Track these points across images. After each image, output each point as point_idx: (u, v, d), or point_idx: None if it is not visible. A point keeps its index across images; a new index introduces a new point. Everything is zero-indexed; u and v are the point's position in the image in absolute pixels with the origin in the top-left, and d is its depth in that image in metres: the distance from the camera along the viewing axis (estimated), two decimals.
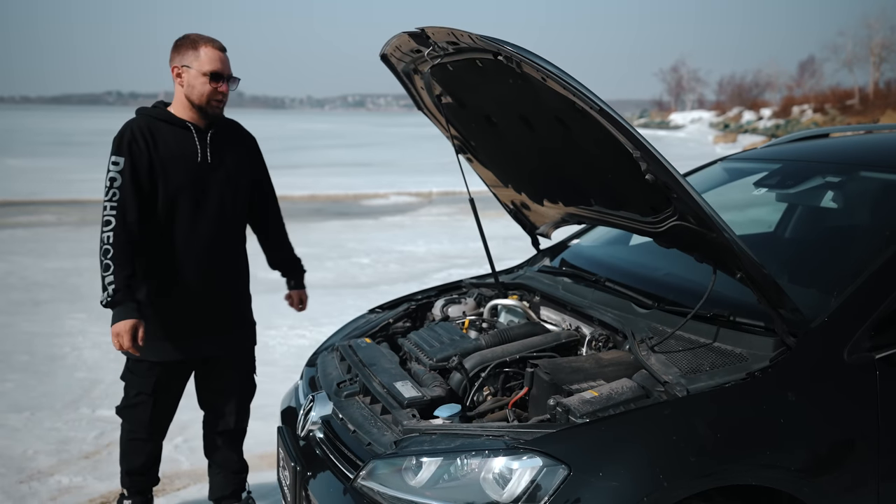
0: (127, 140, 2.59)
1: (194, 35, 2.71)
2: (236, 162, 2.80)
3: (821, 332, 2.05)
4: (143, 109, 2.73)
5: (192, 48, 2.66)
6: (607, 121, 1.94)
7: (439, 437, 2.01)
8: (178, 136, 2.67)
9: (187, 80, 2.66)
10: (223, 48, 2.71)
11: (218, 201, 2.73)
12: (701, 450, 1.87)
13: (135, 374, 2.73)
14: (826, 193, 2.76)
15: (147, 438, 2.80)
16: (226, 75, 2.70)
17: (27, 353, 5.19)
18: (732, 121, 59.34)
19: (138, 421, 2.76)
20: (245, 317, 2.92)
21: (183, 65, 2.66)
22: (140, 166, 2.59)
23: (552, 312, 2.85)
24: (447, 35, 2.27)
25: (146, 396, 2.73)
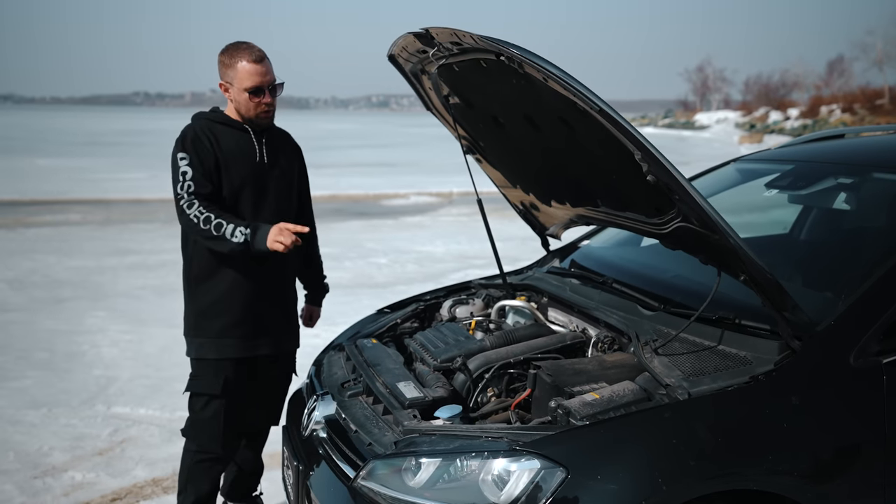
0: (191, 138, 2.64)
1: (232, 48, 2.70)
2: (289, 166, 2.86)
3: (827, 336, 2.02)
4: (201, 114, 2.77)
5: (230, 65, 2.67)
6: (608, 122, 1.93)
7: (439, 437, 2.01)
8: (237, 136, 2.71)
9: (233, 95, 2.70)
10: (260, 58, 2.68)
11: (276, 199, 2.78)
12: (701, 453, 1.85)
13: (201, 378, 2.71)
14: (838, 195, 2.72)
15: (218, 456, 2.75)
16: (266, 87, 2.69)
17: (47, 351, 5.26)
18: (759, 121, 58.68)
19: (210, 434, 2.71)
20: (295, 318, 2.97)
21: (226, 81, 2.70)
22: (206, 161, 2.62)
23: (560, 314, 2.84)
24: (450, 35, 2.27)
25: (217, 401, 2.69)
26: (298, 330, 2.98)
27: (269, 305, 2.78)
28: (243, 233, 2.53)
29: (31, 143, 33.61)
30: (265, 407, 2.93)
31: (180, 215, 2.58)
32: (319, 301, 3.17)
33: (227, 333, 2.69)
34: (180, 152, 2.62)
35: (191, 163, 2.60)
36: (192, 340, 2.73)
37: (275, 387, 2.94)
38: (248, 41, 2.74)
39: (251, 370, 2.79)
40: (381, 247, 9.61)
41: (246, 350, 2.73)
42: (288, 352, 2.94)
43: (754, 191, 3.04)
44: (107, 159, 24.83)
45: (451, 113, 2.87)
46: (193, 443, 2.74)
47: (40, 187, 16.20)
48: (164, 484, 3.35)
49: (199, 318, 2.71)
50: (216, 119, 2.73)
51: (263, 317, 2.76)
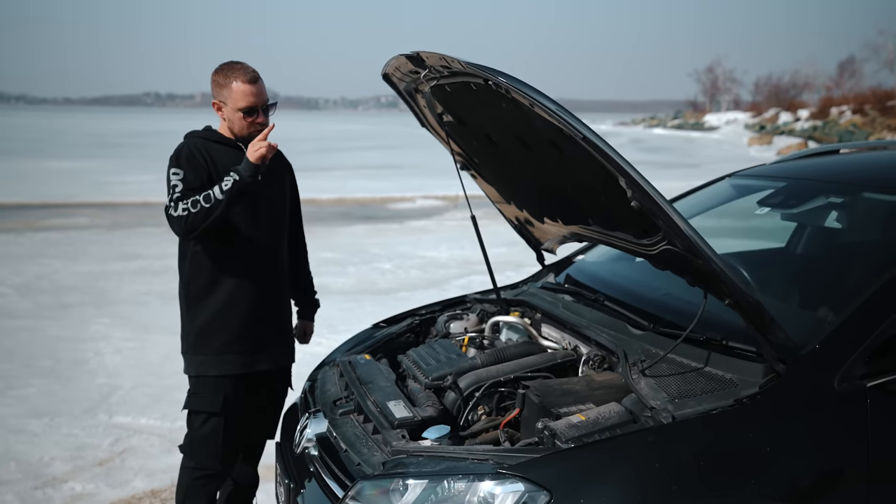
0: (185, 155, 2.65)
1: (227, 67, 2.72)
2: (281, 183, 2.89)
3: (811, 359, 2.03)
4: (195, 132, 2.79)
5: (224, 84, 2.69)
6: (592, 149, 1.95)
7: (426, 459, 2.03)
8: (232, 154, 2.71)
9: (226, 115, 2.72)
10: (255, 78, 2.71)
11: (270, 217, 2.80)
12: (684, 478, 1.87)
13: (200, 395, 2.73)
14: (829, 214, 2.73)
15: (215, 473, 2.76)
16: (260, 107, 2.72)
17: (52, 358, 5.31)
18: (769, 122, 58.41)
19: (209, 451, 2.72)
20: (291, 333, 2.99)
21: (220, 100, 2.72)
22: (200, 175, 2.63)
23: (553, 330, 2.86)
24: (439, 60, 2.30)
25: (216, 418, 2.70)
26: (294, 345, 3.01)
27: (267, 321, 2.81)
28: (229, 178, 2.55)
29: (40, 143, 33.83)
30: (262, 421, 2.95)
31: (172, 223, 2.58)
32: (312, 316, 3.19)
33: (226, 350, 2.71)
34: (174, 168, 2.64)
35: (183, 178, 2.61)
36: (191, 358, 2.75)
37: (271, 401, 2.96)
38: (241, 61, 2.76)
39: (248, 386, 2.81)
40: (385, 252, 9.64)
41: (245, 366, 2.75)
42: (284, 366, 2.96)
43: (748, 207, 3.05)
44: (115, 161, 24.97)
45: (445, 130, 2.90)
46: (192, 460, 2.75)
47: (49, 190, 16.32)
48: (162, 495, 3.38)
49: (198, 336, 2.72)
50: (210, 137, 2.75)
51: (261, 333, 2.78)
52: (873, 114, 44.69)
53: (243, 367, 2.75)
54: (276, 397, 2.98)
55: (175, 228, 2.59)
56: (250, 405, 2.85)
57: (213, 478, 2.77)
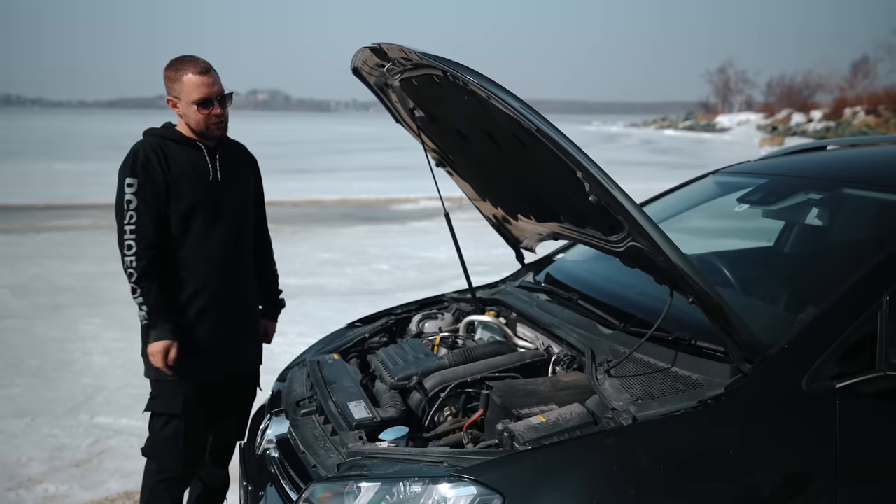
0: (141, 161, 2.58)
1: (177, 62, 2.66)
2: (244, 181, 2.82)
3: (779, 359, 1.95)
4: (152, 130, 2.72)
5: (176, 79, 2.63)
6: (548, 141, 1.89)
7: (380, 461, 1.97)
8: (190, 154, 2.66)
9: (182, 110, 2.65)
10: (206, 69, 2.64)
11: (230, 218, 2.73)
12: (641, 481, 1.80)
13: (160, 398, 2.69)
14: (810, 210, 2.65)
15: (178, 476, 2.72)
16: (215, 97, 2.65)
17: (39, 358, 5.29)
18: (781, 123, 58.10)
19: (170, 454, 2.67)
20: (258, 334, 2.94)
21: (173, 95, 2.65)
22: (156, 186, 2.58)
23: (527, 330, 2.80)
24: (399, 51, 2.25)
25: (177, 421, 2.66)
26: (261, 346, 2.95)
27: (232, 324, 2.75)
28: (145, 318, 2.60)
29: (50, 146, 34.04)
30: (230, 423, 2.90)
31: (120, 249, 2.58)
32: (275, 316, 3.12)
33: (188, 354, 2.64)
34: (129, 177, 2.57)
35: (137, 191, 2.55)
36: (148, 361, 2.68)
37: (239, 403, 2.91)
38: (192, 54, 2.70)
39: (215, 387, 2.76)
40: (384, 252, 9.60)
41: (209, 371, 2.70)
42: (250, 369, 2.91)
43: (731, 205, 2.98)
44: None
45: (418, 126, 2.85)
46: (154, 462, 2.70)
47: (55, 191, 16.38)
48: (135, 497, 3.34)
49: None
50: (168, 136, 2.68)
51: (226, 336, 2.73)
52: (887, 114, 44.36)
53: (207, 372, 2.69)
54: (245, 399, 2.93)
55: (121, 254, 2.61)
56: (218, 405, 2.80)
57: (176, 480, 2.72)
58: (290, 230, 11.47)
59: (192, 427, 2.69)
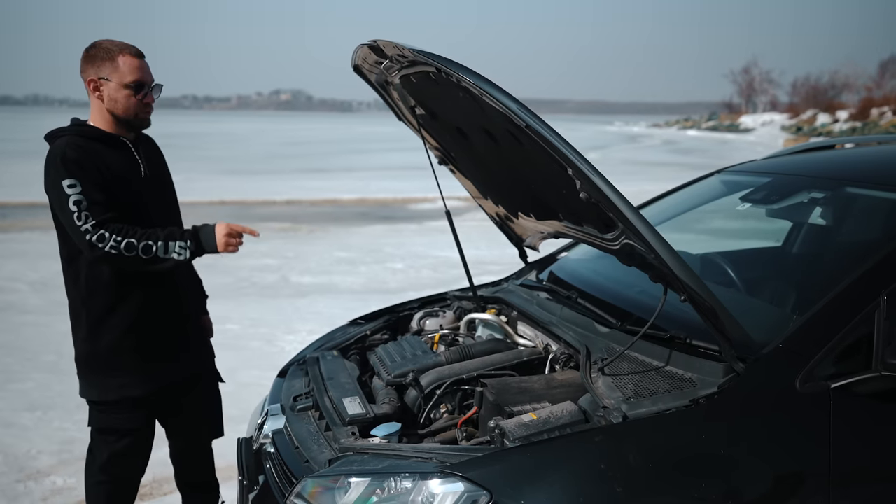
0: (72, 160, 2.34)
1: (107, 42, 2.46)
2: (164, 172, 2.68)
3: (773, 359, 1.94)
4: (68, 129, 2.46)
5: (108, 58, 2.42)
6: (538, 138, 1.88)
7: (371, 457, 1.98)
8: (119, 156, 2.46)
9: (108, 94, 2.43)
10: (142, 54, 2.48)
11: (163, 215, 2.58)
12: (629, 480, 1.79)
13: (114, 414, 2.52)
14: (812, 209, 2.63)
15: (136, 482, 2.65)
16: (149, 84, 2.49)
17: (55, 354, 5.36)
18: (806, 123, 57.43)
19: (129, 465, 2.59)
20: (200, 330, 2.83)
21: (100, 77, 2.42)
22: (99, 185, 2.36)
23: (527, 328, 2.79)
24: (394, 48, 2.25)
25: (134, 435, 2.54)
26: (208, 342, 2.85)
27: (177, 327, 2.61)
28: (183, 247, 2.39)
29: None
30: (203, 422, 2.81)
31: (90, 250, 2.31)
32: (205, 308, 2.94)
33: (146, 367, 2.51)
34: (66, 179, 2.31)
35: (83, 189, 2.31)
36: (108, 381, 2.49)
37: (207, 401, 2.81)
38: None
39: (175, 394, 2.64)
40: (399, 251, 9.61)
41: (164, 378, 2.57)
42: (207, 367, 2.82)
43: (733, 203, 2.96)
44: None
45: (419, 123, 2.85)
46: (105, 474, 2.58)
47: None
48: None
49: (110, 357, 2.48)
50: (90, 135, 2.44)
51: (174, 341, 2.59)
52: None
53: (165, 380, 2.56)
54: (210, 395, 2.83)
55: (93, 256, 2.33)
56: (185, 407, 2.71)
57: (132, 486, 2.64)
58: (307, 229, 11.53)
59: (150, 435, 2.62)
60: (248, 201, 15.22)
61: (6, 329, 6.01)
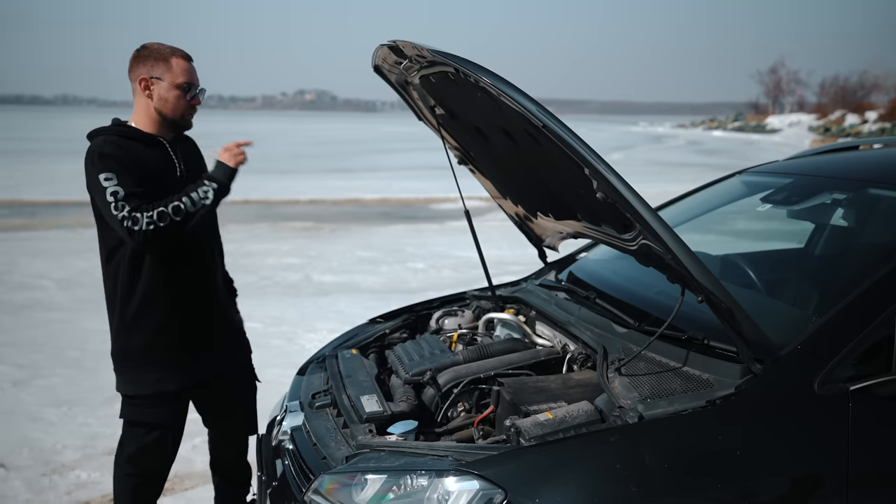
0: (108, 155, 2.41)
1: (157, 45, 2.56)
2: (202, 172, 2.70)
3: (791, 360, 1.93)
4: (106, 129, 2.53)
5: (161, 59, 2.51)
6: (555, 138, 1.89)
7: (387, 454, 1.99)
8: (156, 154, 2.53)
9: (158, 93, 2.52)
10: (191, 58, 2.59)
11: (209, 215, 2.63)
12: (645, 480, 1.79)
13: (146, 408, 2.57)
14: (834, 211, 2.60)
15: (163, 475, 2.69)
16: (196, 86, 2.59)
17: (80, 350, 5.45)
18: (834, 124, 56.66)
19: (156, 459, 2.62)
20: (240, 327, 2.89)
21: (153, 76, 2.51)
22: (133, 176, 2.41)
23: (546, 328, 2.80)
24: (413, 49, 2.27)
25: (165, 429, 2.60)
26: (245, 337, 2.90)
27: (212, 323, 2.66)
28: (206, 189, 2.45)
29: None
30: (237, 419, 2.86)
31: (131, 237, 2.35)
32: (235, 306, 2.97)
33: (180, 361, 2.57)
34: (103, 173, 2.37)
35: (119, 182, 2.37)
36: (143, 375, 2.55)
37: (241, 398, 2.86)
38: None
39: (209, 389, 2.70)
40: (420, 251, 9.63)
41: (198, 374, 2.62)
42: (242, 364, 2.87)
43: (754, 204, 2.94)
44: None
45: (439, 123, 2.86)
46: (133, 467, 2.62)
47: None
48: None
49: (144, 352, 2.54)
50: (128, 134, 2.51)
51: (209, 337, 2.64)
52: None
53: (199, 375, 2.62)
54: (246, 393, 2.89)
55: (136, 241, 2.36)
56: (221, 404, 2.78)
57: (159, 480, 2.68)
58: (329, 228, 11.59)
59: (180, 430, 2.67)
60: (271, 200, 15.32)
61: (33, 325, 6.11)
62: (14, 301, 6.89)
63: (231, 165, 2.53)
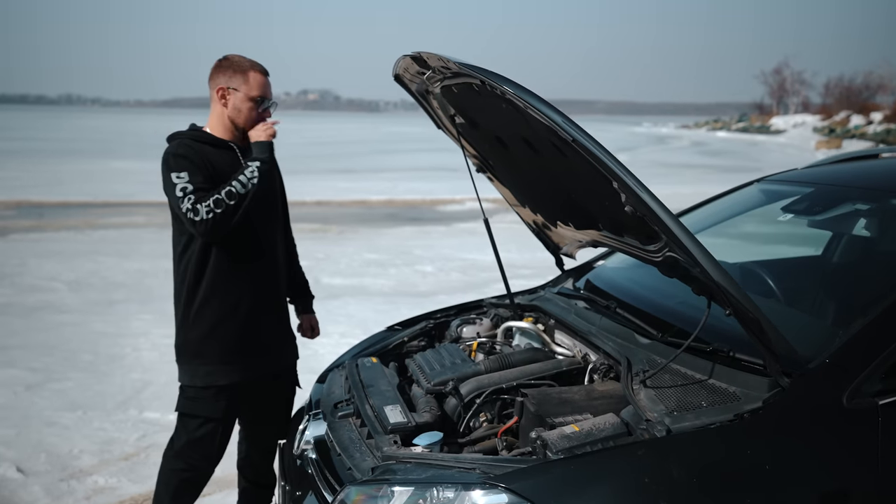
0: (181, 155, 2.57)
1: (238, 57, 2.72)
2: (272, 180, 2.82)
3: (819, 374, 1.92)
4: (181, 133, 2.70)
5: (239, 71, 2.67)
6: (584, 151, 1.89)
7: (413, 466, 1.99)
8: (225, 157, 2.67)
9: (233, 103, 2.67)
10: (267, 73, 2.75)
11: (266, 219, 2.76)
12: (673, 494, 1.78)
13: (199, 401, 2.68)
14: (857, 221, 2.60)
15: (208, 473, 2.75)
16: (269, 99, 2.73)
17: (92, 353, 5.46)
18: (839, 125, 56.52)
19: (204, 453, 2.69)
20: (291, 331, 2.98)
21: (230, 87, 2.66)
22: (203, 175, 2.56)
23: (565, 337, 2.79)
24: (438, 60, 2.27)
25: (215, 423, 2.68)
26: (295, 341, 2.99)
27: (268, 323, 2.78)
28: (251, 170, 2.57)
29: (109, 145, 34.98)
30: (273, 422, 2.93)
31: (196, 227, 2.50)
32: (311, 308, 3.17)
33: (232, 358, 2.68)
34: (174, 172, 2.54)
35: (189, 179, 2.52)
36: (197, 368, 2.68)
37: (280, 402, 2.96)
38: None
39: (254, 388, 2.80)
40: (428, 254, 9.63)
41: (253, 370, 2.74)
42: (289, 366, 2.96)
43: (775, 213, 2.93)
44: None
45: (458, 132, 2.87)
46: (181, 461, 2.71)
47: (112, 189, 16.84)
48: None
49: (201, 345, 2.67)
50: (200, 139, 2.67)
51: (266, 336, 2.77)
52: None
53: (250, 373, 2.73)
54: (285, 397, 2.98)
55: (200, 231, 2.51)
56: (259, 405, 2.87)
57: (203, 479, 2.75)
58: (336, 230, 11.60)
59: (228, 428, 2.74)
60: None
61: (45, 328, 6.12)
62: (25, 303, 6.91)
63: (264, 140, 2.65)
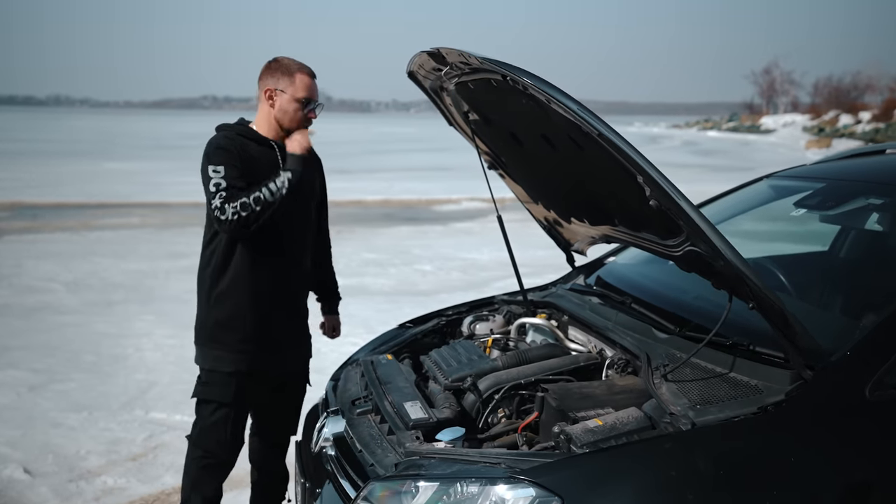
0: (222, 147, 2.62)
1: (287, 59, 2.77)
2: (311, 180, 2.87)
3: (841, 367, 1.93)
4: (227, 125, 2.77)
5: (287, 73, 2.72)
6: (609, 146, 1.89)
7: (438, 461, 1.99)
8: (265, 154, 2.71)
9: (279, 104, 2.72)
10: (314, 75, 2.78)
11: (300, 217, 2.80)
12: (700, 487, 1.79)
13: (211, 385, 2.74)
14: (870, 215, 2.61)
15: (224, 461, 2.78)
16: (314, 101, 2.77)
17: (94, 354, 5.44)
18: (828, 125, 56.85)
19: (218, 439, 2.73)
20: (307, 329, 3.00)
21: (277, 88, 2.71)
22: (240, 171, 2.60)
23: (579, 333, 2.80)
24: (458, 56, 2.27)
25: (226, 408, 2.72)
26: (310, 342, 3.01)
27: (285, 318, 2.81)
28: (281, 180, 2.59)
29: (101, 146, 34.82)
30: (282, 418, 2.96)
31: (221, 225, 2.57)
32: (336, 309, 3.22)
33: (242, 348, 2.72)
34: (212, 164, 2.59)
35: (224, 175, 2.57)
36: (208, 351, 2.75)
37: (290, 398, 2.97)
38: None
39: (266, 381, 2.82)
40: (427, 253, 9.64)
41: (260, 363, 2.76)
42: (301, 363, 2.97)
43: (787, 209, 2.94)
44: (171, 162, 25.48)
45: (471, 129, 2.87)
46: (199, 448, 2.76)
47: (107, 190, 16.77)
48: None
49: (216, 330, 2.73)
50: (244, 134, 2.72)
51: (279, 333, 2.79)
52: None
53: (258, 363, 2.75)
54: (296, 395, 2.99)
55: (224, 229, 2.59)
56: (269, 400, 2.88)
57: (220, 467, 2.78)
58: (334, 230, 11.49)
59: (239, 415, 2.76)
60: None
61: (45, 329, 6.09)
62: (24, 304, 6.87)
63: (298, 153, 2.68)
